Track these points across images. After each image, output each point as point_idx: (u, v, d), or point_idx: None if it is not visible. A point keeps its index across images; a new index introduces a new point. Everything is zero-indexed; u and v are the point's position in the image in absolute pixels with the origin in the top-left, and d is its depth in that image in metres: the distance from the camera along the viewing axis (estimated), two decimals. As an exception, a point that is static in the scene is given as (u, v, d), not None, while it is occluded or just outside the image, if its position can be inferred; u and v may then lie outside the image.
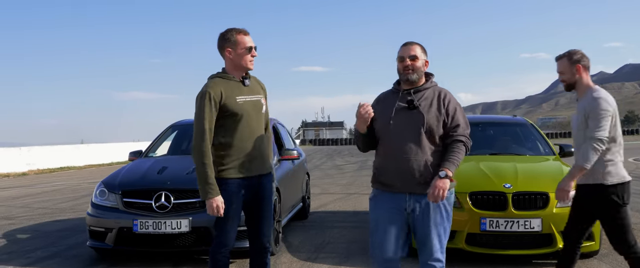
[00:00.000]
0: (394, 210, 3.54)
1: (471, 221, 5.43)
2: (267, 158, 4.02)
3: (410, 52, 3.52)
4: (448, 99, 3.53)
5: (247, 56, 3.85)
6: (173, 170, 6.30)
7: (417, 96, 3.52)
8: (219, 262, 3.91)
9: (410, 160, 3.44)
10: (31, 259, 6.39)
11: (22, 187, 16.92)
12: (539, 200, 5.43)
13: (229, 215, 3.84)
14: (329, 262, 5.80)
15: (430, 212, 3.47)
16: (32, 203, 12.10)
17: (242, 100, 3.84)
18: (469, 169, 6.13)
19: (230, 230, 3.88)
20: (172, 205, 5.73)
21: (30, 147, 26.16)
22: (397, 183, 3.50)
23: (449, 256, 5.66)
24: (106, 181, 6.31)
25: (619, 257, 5.71)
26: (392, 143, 3.51)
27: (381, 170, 3.60)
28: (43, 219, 9.59)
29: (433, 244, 3.49)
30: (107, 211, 5.96)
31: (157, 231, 5.65)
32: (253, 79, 4.02)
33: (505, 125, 7.94)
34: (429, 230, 3.48)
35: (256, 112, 3.91)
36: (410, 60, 3.50)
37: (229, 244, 3.91)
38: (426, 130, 3.44)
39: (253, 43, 3.88)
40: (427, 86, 3.57)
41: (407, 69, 3.51)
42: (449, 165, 3.37)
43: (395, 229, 3.54)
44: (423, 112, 3.47)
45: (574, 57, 4.11)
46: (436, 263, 3.52)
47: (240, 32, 3.86)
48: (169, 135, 8.06)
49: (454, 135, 3.46)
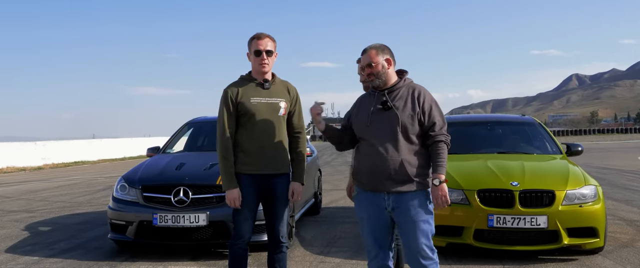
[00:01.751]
0: (375, 209, 3.63)
1: (479, 217, 5.59)
2: (283, 159, 4.14)
3: (365, 61, 3.62)
4: (423, 96, 3.56)
5: (255, 59, 4.03)
6: (191, 166, 6.52)
7: (391, 96, 3.59)
8: (235, 253, 4.11)
9: (387, 160, 3.49)
10: (55, 250, 6.64)
11: (39, 180, 17.25)
12: (545, 197, 5.58)
13: (240, 209, 4.03)
14: (340, 256, 5.99)
15: (411, 210, 3.51)
16: (50, 197, 12.39)
17: (257, 102, 4.02)
18: (477, 167, 6.30)
19: (243, 222, 4.05)
20: (190, 200, 5.95)
21: (46, 142, 26.58)
22: (374, 183, 3.59)
23: (457, 251, 5.88)
24: (126, 176, 6.54)
25: (623, 253, 5.89)
26: (369, 144, 3.61)
27: (359, 170, 3.70)
28: (62, 212, 9.87)
29: (419, 241, 3.52)
30: (127, 205, 6.19)
31: (175, 225, 5.87)
32: (281, 83, 4.18)
33: (513, 124, 8.08)
34: (412, 227, 3.53)
35: (271, 114, 4.05)
36: (368, 68, 3.60)
37: (244, 236, 4.07)
38: (402, 130, 3.50)
39: (265, 47, 4.02)
40: (400, 85, 3.62)
41: (369, 76, 3.61)
42: (439, 170, 3.45)
43: (380, 228, 3.65)
44: (398, 112, 3.52)
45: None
46: (428, 262, 3.54)
47: (255, 37, 4.05)
48: (185, 132, 8.29)
49: (433, 135, 3.51)
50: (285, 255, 4.24)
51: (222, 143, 3.98)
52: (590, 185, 5.79)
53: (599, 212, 5.66)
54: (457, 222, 5.70)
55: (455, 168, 6.15)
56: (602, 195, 5.83)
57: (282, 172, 4.14)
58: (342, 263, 5.77)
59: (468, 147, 7.20)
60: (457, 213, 5.68)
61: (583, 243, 5.62)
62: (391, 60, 3.65)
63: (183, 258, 6.05)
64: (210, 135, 7.97)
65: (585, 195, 5.68)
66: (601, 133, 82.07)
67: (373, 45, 3.64)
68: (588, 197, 5.68)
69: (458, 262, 5.66)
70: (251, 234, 4.14)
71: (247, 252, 4.17)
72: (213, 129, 7.40)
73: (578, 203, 5.61)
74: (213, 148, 7.24)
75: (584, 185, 5.75)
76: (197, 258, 6.06)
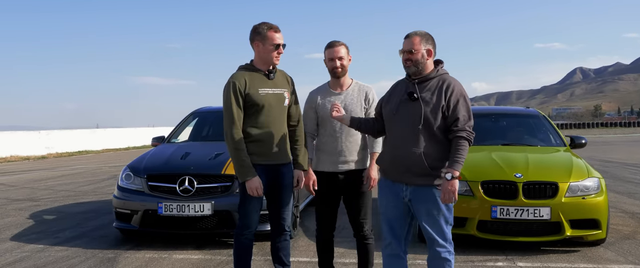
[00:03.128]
0: (393, 197, 3.67)
1: (482, 209, 5.62)
2: (288, 148, 4.17)
3: (407, 46, 3.57)
4: (451, 90, 3.49)
5: (273, 52, 4.02)
6: (196, 156, 6.55)
7: (421, 87, 3.55)
8: (242, 244, 4.12)
9: (407, 151, 3.49)
10: (60, 239, 6.69)
11: (43, 170, 17.32)
12: (548, 189, 5.61)
13: (250, 199, 4.03)
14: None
15: (428, 202, 3.52)
16: (54, 186, 12.45)
17: (265, 93, 4.02)
18: (481, 159, 6.32)
19: (252, 213, 4.05)
20: (196, 189, 5.99)
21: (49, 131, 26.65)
22: (393, 172, 3.62)
23: (461, 242, 5.91)
24: (132, 165, 6.57)
25: (625, 245, 5.92)
26: (392, 133, 3.63)
27: (382, 158, 3.77)
28: (67, 201, 9.92)
29: (435, 232, 3.55)
30: (133, 194, 6.23)
31: (180, 214, 5.91)
32: (280, 72, 4.18)
33: (517, 117, 8.10)
34: (429, 219, 3.55)
35: (278, 105, 4.08)
36: (408, 54, 3.56)
37: (252, 226, 4.09)
38: (424, 123, 3.46)
39: (282, 40, 4.04)
40: (432, 76, 3.55)
41: (407, 62, 3.57)
42: (454, 166, 3.39)
43: (397, 216, 3.69)
44: (423, 103, 3.48)
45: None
46: (441, 249, 3.57)
47: (271, 28, 4.01)
48: (190, 121, 8.32)
49: (455, 130, 3.44)
50: (288, 243, 4.27)
51: (233, 135, 3.95)
52: (593, 177, 5.81)
53: (602, 204, 5.68)
54: (460, 213, 5.71)
55: (459, 160, 6.17)
56: (605, 188, 5.85)
57: (288, 161, 4.17)
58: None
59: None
60: (461, 204, 5.69)
61: (585, 235, 5.65)
62: (432, 51, 3.58)
63: (188, 248, 6.09)
64: (215, 125, 8.00)
65: (588, 187, 5.70)
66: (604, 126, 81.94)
67: (418, 32, 3.58)
68: (591, 189, 5.70)
69: (461, 253, 5.69)
70: (257, 225, 4.15)
71: (253, 242, 4.19)
72: (218, 118, 7.43)
73: (581, 195, 5.63)
74: (218, 138, 7.27)
75: (587, 177, 5.77)
76: (201, 248, 6.10)
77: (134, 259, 5.69)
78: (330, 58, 4.18)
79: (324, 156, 4.25)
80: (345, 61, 4.20)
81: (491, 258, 5.51)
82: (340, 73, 4.20)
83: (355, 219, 4.31)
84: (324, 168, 4.23)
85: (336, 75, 4.21)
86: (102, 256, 5.83)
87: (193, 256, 5.77)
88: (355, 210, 4.29)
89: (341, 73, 4.20)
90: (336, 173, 4.21)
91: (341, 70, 4.19)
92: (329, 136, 4.19)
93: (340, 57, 4.16)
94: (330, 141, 4.20)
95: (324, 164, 4.24)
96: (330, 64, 4.19)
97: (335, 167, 4.20)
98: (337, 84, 4.27)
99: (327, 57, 4.20)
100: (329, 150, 4.22)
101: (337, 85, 4.27)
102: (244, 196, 4.04)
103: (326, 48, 4.22)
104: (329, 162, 4.22)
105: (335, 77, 4.23)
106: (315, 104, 4.27)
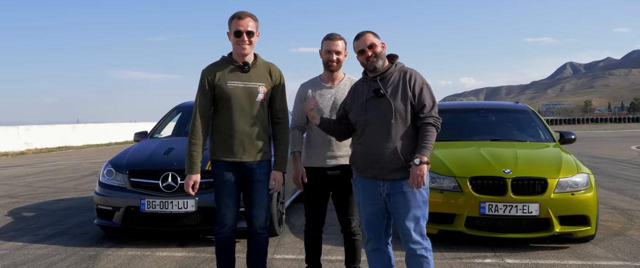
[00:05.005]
0: (369, 195, 3.67)
1: (471, 205, 5.55)
2: (263, 146, 3.95)
3: (366, 42, 3.61)
4: (413, 79, 3.57)
5: (235, 41, 3.84)
6: (179, 151, 6.40)
7: (383, 83, 3.60)
8: (221, 241, 4.00)
9: (381, 148, 3.53)
10: (39, 236, 6.52)
11: (22, 166, 17.04)
12: (537, 185, 5.56)
13: (220, 196, 3.92)
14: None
15: (405, 197, 3.55)
16: (34, 182, 12.22)
17: (234, 85, 3.84)
18: (469, 154, 6.26)
19: (224, 209, 3.93)
20: (179, 185, 5.85)
21: (28, 126, 26.25)
22: (369, 170, 3.61)
23: (448, 239, 5.85)
24: (113, 161, 6.42)
25: (614, 242, 5.89)
26: (363, 131, 3.63)
27: (355, 157, 3.73)
28: (46, 198, 9.72)
29: (411, 228, 3.56)
30: (114, 190, 6.07)
31: (164, 210, 5.77)
32: (263, 65, 3.98)
33: (506, 112, 8.05)
34: (405, 215, 3.56)
35: (248, 99, 3.86)
36: (369, 49, 3.60)
37: (227, 224, 3.96)
38: (395, 117, 3.52)
39: (246, 28, 3.82)
40: (392, 70, 3.63)
41: (370, 58, 3.61)
42: (423, 151, 3.45)
43: (374, 212, 3.69)
44: (390, 99, 3.54)
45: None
46: (416, 246, 3.58)
47: (235, 16, 3.84)
48: (173, 116, 8.17)
49: (422, 117, 3.51)
50: (264, 246, 4.08)
51: (192, 127, 3.87)
52: (582, 173, 5.77)
53: (591, 200, 5.65)
54: (449, 210, 5.67)
55: (448, 156, 6.11)
56: (594, 184, 5.81)
57: (262, 159, 3.95)
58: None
59: (461, 134, 7.16)
60: (449, 201, 5.65)
61: (574, 231, 5.61)
62: (384, 44, 3.68)
63: (171, 245, 5.96)
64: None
65: (577, 183, 5.66)
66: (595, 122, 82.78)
67: (366, 30, 3.67)
68: (580, 185, 5.66)
69: (449, 250, 5.63)
70: (236, 221, 4.02)
71: (234, 239, 4.06)
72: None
73: (570, 191, 5.59)
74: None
75: (576, 173, 5.73)
76: (185, 245, 5.97)
77: (115, 257, 5.55)
78: (328, 50, 4.08)
79: (312, 150, 4.16)
80: (342, 56, 4.13)
81: (479, 255, 5.45)
82: (335, 67, 4.13)
83: (343, 215, 4.25)
84: (313, 164, 4.15)
85: (330, 68, 4.14)
86: (83, 254, 5.68)
87: (176, 253, 5.64)
88: (343, 206, 4.23)
89: (336, 67, 4.14)
90: (325, 169, 4.12)
91: (337, 64, 4.12)
92: (318, 130, 4.09)
93: (337, 51, 4.08)
94: (320, 135, 4.11)
95: (312, 159, 4.16)
96: (327, 56, 4.10)
97: (323, 161, 4.12)
98: (330, 77, 4.20)
99: (325, 49, 4.10)
100: (317, 145, 4.14)
101: (330, 79, 4.20)
102: (215, 193, 3.96)
103: (325, 39, 4.12)
104: (317, 156, 4.14)
105: (330, 70, 4.16)
106: (306, 97, 4.18)
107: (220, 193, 3.93)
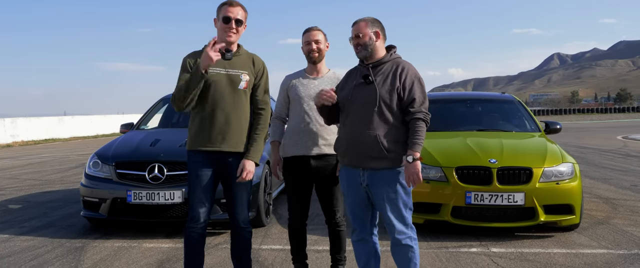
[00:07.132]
0: (352, 184, 3.66)
1: (457, 195, 5.59)
2: (242, 136, 3.80)
3: (354, 32, 3.62)
4: (405, 72, 3.54)
5: (223, 26, 3.73)
6: (166, 142, 6.40)
7: (375, 71, 3.59)
8: (189, 237, 3.79)
9: (362, 135, 3.51)
10: (26, 228, 6.49)
11: (7, 158, 16.91)
12: (522, 175, 5.60)
13: (194, 190, 3.74)
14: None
15: (386, 187, 3.52)
16: (20, 175, 12.14)
17: (215, 72, 3.72)
18: (455, 144, 6.29)
19: (197, 205, 3.75)
20: (165, 176, 5.84)
21: (15, 119, 26.02)
22: (350, 156, 3.60)
23: (435, 228, 5.88)
24: (99, 152, 6.39)
25: (599, 230, 5.95)
26: (349, 117, 3.61)
27: (338, 143, 3.72)
28: (33, 190, 9.66)
29: (394, 217, 3.55)
30: (100, 182, 6.05)
31: (150, 202, 5.77)
32: (246, 55, 3.89)
33: (492, 102, 8.08)
34: (388, 206, 3.54)
35: (229, 86, 3.75)
36: (356, 38, 3.60)
37: (199, 219, 3.75)
38: (379, 105, 3.49)
39: (235, 15, 3.73)
40: (386, 60, 3.61)
41: (357, 47, 3.61)
42: (414, 148, 3.41)
43: (357, 202, 3.68)
44: (377, 87, 3.52)
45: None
46: (401, 236, 3.56)
47: (226, 3, 3.76)
48: (160, 108, 8.13)
49: (412, 112, 3.47)
50: (248, 239, 3.93)
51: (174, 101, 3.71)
52: (567, 163, 5.82)
53: (576, 190, 5.70)
54: (435, 199, 5.70)
55: (434, 146, 6.13)
56: (579, 173, 5.86)
57: (240, 150, 3.79)
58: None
59: (447, 124, 7.19)
60: (435, 191, 5.67)
61: (559, 220, 5.67)
62: (380, 33, 3.62)
63: (158, 236, 5.95)
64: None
65: (562, 173, 5.71)
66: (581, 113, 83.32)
67: (363, 18, 3.65)
68: (565, 175, 5.71)
69: (435, 239, 5.67)
70: (208, 217, 3.82)
71: (204, 236, 3.87)
72: (189, 104, 7.24)
73: (555, 180, 5.64)
74: (189, 124, 7.11)
75: (561, 163, 5.78)
76: (172, 236, 5.96)
77: (102, 248, 5.53)
78: (307, 41, 4.14)
79: (294, 138, 4.13)
80: (322, 46, 4.16)
81: (465, 244, 5.49)
82: (316, 58, 4.16)
83: (327, 207, 4.25)
84: (295, 153, 4.12)
85: (312, 60, 4.17)
86: (70, 245, 5.66)
87: (163, 245, 5.64)
88: (327, 198, 4.23)
89: (318, 58, 4.16)
90: (308, 157, 4.11)
91: (318, 55, 4.15)
92: (300, 118, 4.09)
93: (316, 41, 4.13)
94: (301, 123, 4.11)
95: (294, 148, 4.13)
96: (307, 48, 4.15)
97: (306, 150, 4.10)
98: (314, 69, 4.22)
99: (304, 41, 4.17)
100: (299, 132, 4.12)
101: (313, 71, 4.23)
102: (189, 185, 3.78)
103: (304, 32, 4.19)
104: (300, 144, 4.11)
105: (312, 62, 4.19)
106: (288, 86, 4.21)
107: (195, 187, 3.74)
